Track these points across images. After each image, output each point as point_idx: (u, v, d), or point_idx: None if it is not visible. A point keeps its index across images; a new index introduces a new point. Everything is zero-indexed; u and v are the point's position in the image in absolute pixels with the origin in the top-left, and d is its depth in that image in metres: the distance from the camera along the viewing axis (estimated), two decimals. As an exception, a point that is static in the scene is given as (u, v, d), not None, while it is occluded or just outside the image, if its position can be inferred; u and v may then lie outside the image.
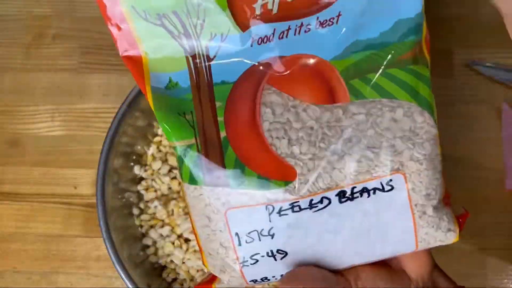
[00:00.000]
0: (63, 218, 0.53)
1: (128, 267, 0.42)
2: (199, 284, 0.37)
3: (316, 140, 0.31)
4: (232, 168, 0.31)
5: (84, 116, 0.56)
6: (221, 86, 0.31)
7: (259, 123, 0.31)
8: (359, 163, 0.30)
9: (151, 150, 0.50)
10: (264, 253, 0.32)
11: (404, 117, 0.31)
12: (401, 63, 0.31)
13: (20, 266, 0.52)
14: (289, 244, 0.32)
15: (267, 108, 0.31)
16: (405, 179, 0.31)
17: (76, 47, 0.58)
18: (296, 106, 0.31)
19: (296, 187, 0.30)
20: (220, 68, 0.31)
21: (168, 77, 0.31)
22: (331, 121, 0.31)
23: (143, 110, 0.47)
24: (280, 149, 0.31)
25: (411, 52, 0.31)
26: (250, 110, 0.31)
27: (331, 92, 0.31)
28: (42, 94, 0.57)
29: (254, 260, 0.32)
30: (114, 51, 0.58)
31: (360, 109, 0.31)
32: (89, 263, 0.52)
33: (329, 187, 0.30)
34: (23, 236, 0.52)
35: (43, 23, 0.59)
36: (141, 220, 0.47)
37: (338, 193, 0.31)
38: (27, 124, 0.56)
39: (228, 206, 0.31)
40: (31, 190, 0.54)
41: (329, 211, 0.31)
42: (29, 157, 0.55)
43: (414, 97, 0.31)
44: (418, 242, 0.32)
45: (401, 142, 0.31)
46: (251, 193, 0.31)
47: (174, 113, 0.32)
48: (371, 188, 0.31)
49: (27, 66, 0.58)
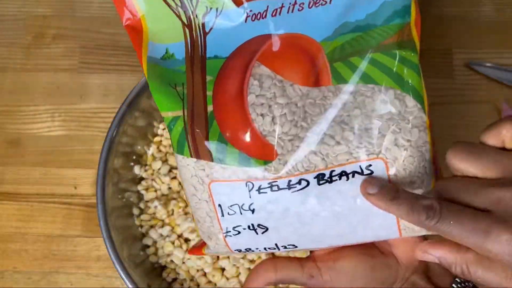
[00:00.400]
0: (63, 218, 0.53)
1: (128, 267, 0.42)
2: (192, 247, 0.38)
3: (298, 119, 0.30)
4: (216, 142, 0.31)
5: (84, 116, 0.56)
6: (214, 61, 0.32)
7: (245, 96, 0.31)
8: (339, 145, 0.30)
9: (151, 150, 0.50)
10: (246, 226, 0.33)
11: (395, 100, 0.30)
12: (385, 47, 0.30)
13: (20, 266, 0.52)
14: (269, 220, 0.32)
15: (255, 80, 0.31)
16: (386, 165, 0.30)
17: (76, 47, 0.58)
18: (283, 81, 0.31)
19: (274, 167, 0.31)
20: (214, 43, 0.32)
21: (165, 48, 0.32)
22: (317, 99, 0.30)
23: (143, 110, 0.47)
24: (262, 126, 0.31)
25: (397, 36, 0.30)
26: (238, 84, 0.31)
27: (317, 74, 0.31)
28: (42, 94, 0.57)
29: (236, 231, 0.33)
30: (114, 51, 0.58)
31: (350, 89, 0.30)
32: (89, 263, 0.52)
33: (308, 169, 0.30)
34: (23, 236, 0.52)
35: (43, 23, 0.59)
36: (141, 220, 0.47)
37: (316, 175, 0.30)
38: (27, 124, 0.56)
39: (212, 178, 0.32)
40: (31, 190, 0.54)
41: (307, 192, 0.31)
42: (29, 157, 0.55)
43: (398, 83, 0.30)
44: (402, 230, 0.32)
45: (386, 125, 0.30)
46: (233, 168, 0.31)
47: (166, 84, 0.32)
48: (350, 172, 0.30)
49: (27, 66, 0.58)
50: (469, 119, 0.54)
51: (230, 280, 0.45)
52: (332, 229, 0.32)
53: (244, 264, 0.44)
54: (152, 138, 0.50)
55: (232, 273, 0.45)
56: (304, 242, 0.33)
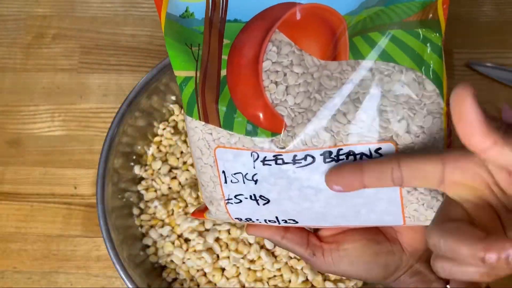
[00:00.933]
0: (63, 218, 0.53)
1: (128, 267, 0.42)
2: (195, 210, 0.38)
3: (312, 91, 0.29)
4: (225, 107, 0.31)
5: (84, 116, 0.56)
6: (233, 24, 0.31)
7: (261, 62, 0.30)
8: (350, 124, 0.29)
9: (151, 150, 0.50)
10: (248, 196, 0.32)
11: (414, 82, 0.28)
12: (408, 25, 0.28)
13: (20, 266, 0.52)
14: (271, 192, 0.32)
15: (273, 46, 0.30)
16: (396, 151, 0.29)
17: (76, 47, 0.58)
18: (301, 50, 0.30)
19: (282, 139, 0.30)
20: (236, 5, 0.31)
21: (185, 6, 0.32)
22: (335, 72, 0.29)
23: (143, 110, 0.47)
24: (275, 94, 0.30)
25: (421, 14, 0.28)
26: (255, 49, 0.31)
27: (335, 48, 0.30)
28: (42, 94, 0.57)
29: (238, 200, 0.33)
30: (114, 51, 0.58)
31: (368, 65, 0.28)
32: (89, 263, 0.52)
33: (316, 145, 0.30)
34: (23, 236, 0.52)
35: (43, 23, 0.59)
36: (141, 220, 0.47)
37: (323, 152, 0.30)
38: (27, 124, 0.56)
39: (218, 144, 0.32)
40: (31, 190, 0.54)
41: (312, 168, 0.30)
42: (29, 157, 0.55)
43: (418, 64, 0.28)
44: (406, 217, 0.31)
45: (401, 108, 0.28)
46: (239, 136, 0.31)
47: (182, 42, 0.32)
48: (358, 153, 0.29)
49: (27, 66, 0.58)
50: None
51: (230, 280, 0.45)
52: (334, 208, 0.31)
53: (244, 264, 0.44)
54: (152, 138, 0.50)
55: (232, 273, 0.45)
56: (304, 218, 0.32)
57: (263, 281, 0.45)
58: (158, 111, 0.49)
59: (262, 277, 0.45)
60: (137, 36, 0.58)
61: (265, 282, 0.44)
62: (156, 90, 0.46)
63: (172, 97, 0.50)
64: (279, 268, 0.44)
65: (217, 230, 0.45)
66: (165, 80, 0.46)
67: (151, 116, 0.49)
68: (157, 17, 0.58)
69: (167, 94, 0.49)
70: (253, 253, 0.44)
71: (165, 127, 0.50)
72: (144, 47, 0.57)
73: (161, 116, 0.50)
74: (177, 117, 0.50)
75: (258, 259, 0.44)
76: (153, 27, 0.58)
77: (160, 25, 0.33)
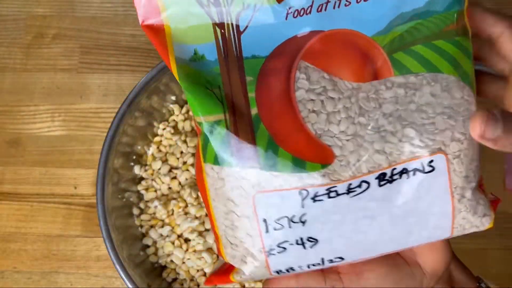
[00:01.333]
0: (63, 218, 0.53)
1: (128, 267, 0.42)
2: (212, 275, 0.34)
3: (355, 116, 0.28)
4: (264, 148, 0.28)
5: (84, 116, 0.56)
6: (252, 61, 0.29)
7: (292, 91, 0.28)
8: (402, 142, 0.28)
9: (151, 150, 0.50)
10: (293, 241, 0.30)
11: (444, 92, 0.29)
12: (447, 34, 0.29)
13: (20, 266, 0.52)
14: (321, 231, 0.29)
15: (301, 74, 0.29)
16: (446, 160, 0.29)
17: (76, 47, 0.58)
18: (331, 75, 0.29)
19: (335, 170, 0.28)
20: (251, 41, 0.29)
21: (193, 49, 0.29)
22: (370, 93, 0.29)
23: (143, 110, 0.47)
24: (316, 124, 0.28)
25: (457, 23, 0.29)
26: (283, 81, 0.29)
27: (373, 69, 0.29)
28: (42, 94, 0.57)
29: (281, 248, 0.30)
30: (114, 51, 0.58)
31: (400, 81, 0.29)
32: (89, 263, 0.52)
33: (371, 170, 0.28)
34: (23, 236, 0.52)
35: (43, 23, 0.59)
36: (141, 220, 0.47)
37: (378, 175, 0.28)
38: (27, 124, 0.56)
39: (258, 189, 0.29)
40: (31, 190, 0.54)
41: (368, 195, 0.29)
42: (29, 157, 0.55)
43: (457, 70, 0.29)
44: (454, 228, 0.30)
45: (441, 119, 0.28)
46: (284, 175, 0.28)
47: (201, 86, 0.29)
48: (411, 169, 0.28)
49: (27, 66, 0.58)
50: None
51: (230, 280, 0.45)
52: (386, 234, 0.30)
53: (244, 264, 0.44)
54: (152, 138, 0.50)
55: (232, 273, 0.45)
56: (353, 253, 0.31)
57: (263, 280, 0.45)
58: (158, 111, 0.49)
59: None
60: (137, 36, 0.58)
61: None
62: (156, 90, 0.46)
63: (172, 97, 0.50)
64: (279, 268, 0.44)
65: (217, 230, 0.45)
66: (165, 80, 0.46)
67: (151, 116, 0.49)
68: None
69: (167, 94, 0.49)
70: (253, 253, 0.44)
71: (165, 127, 0.50)
72: (144, 47, 0.58)
73: (161, 116, 0.50)
74: (177, 117, 0.50)
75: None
76: (153, 27, 0.57)
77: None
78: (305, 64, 0.29)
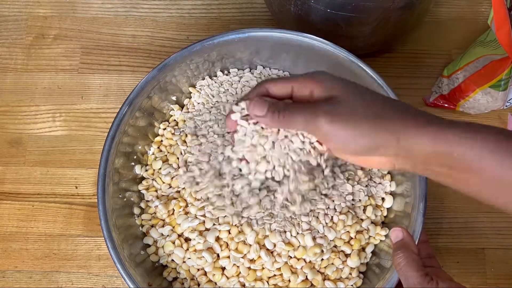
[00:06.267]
0: (64, 218, 0.53)
1: (128, 266, 0.43)
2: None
3: None
4: None
5: (85, 116, 0.56)
6: None
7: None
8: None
9: (152, 150, 0.50)
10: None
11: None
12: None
13: (22, 265, 0.52)
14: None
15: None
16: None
17: (76, 48, 0.58)
18: None
19: None
20: None
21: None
22: None
23: (144, 110, 0.47)
24: None
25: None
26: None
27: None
28: (43, 94, 0.57)
29: None
30: (115, 52, 0.58)
31: None
32: (90, 262, 0.52)
33: None
34: (25, 236, 0.53)
35: (44, 24, 0.59)
36: (141, 219, 0.48)
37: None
38: (28, 124, 0.56)
39: None
40: (32, 189, 0.54)
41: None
42: (30, 157, 0.55)
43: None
44: None
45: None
46: None
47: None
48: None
49: (28, 66, 0.58)
50: (469, 119, 0.54)
51: (230, 279, 0.45)
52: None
53: (244, 264, 0.45)
54: (153, 138, 0.50)
55: (232, 273, 0.45)
56: None
57: (263, 280, 0.45)
58: (158, 111, 0.49)
59: (262, 277, 0.45)
60: (137, 36, 0.58)
61: (265, 281, 0.45)
62: (156, 90, 0.47)
63: (172, 97, 0.50)
64: (279, 267, 0.44)
65: (217, 230, 0.45)
66: (166, 80, 0.46)
67: (152, 116, 0.49)
68: (157, 18, 0.58)
69: (167, 94, 0.49)
70: (253, 253, 0.44)
71: (165, 127, 0.50)
72: (145, 48, 0.58)
73: (161, 116, 0.50)
74: (178, 117, 0.50)
75: (258, 259, 0.44)
76: (153, 28, 0.58)
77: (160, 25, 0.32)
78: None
